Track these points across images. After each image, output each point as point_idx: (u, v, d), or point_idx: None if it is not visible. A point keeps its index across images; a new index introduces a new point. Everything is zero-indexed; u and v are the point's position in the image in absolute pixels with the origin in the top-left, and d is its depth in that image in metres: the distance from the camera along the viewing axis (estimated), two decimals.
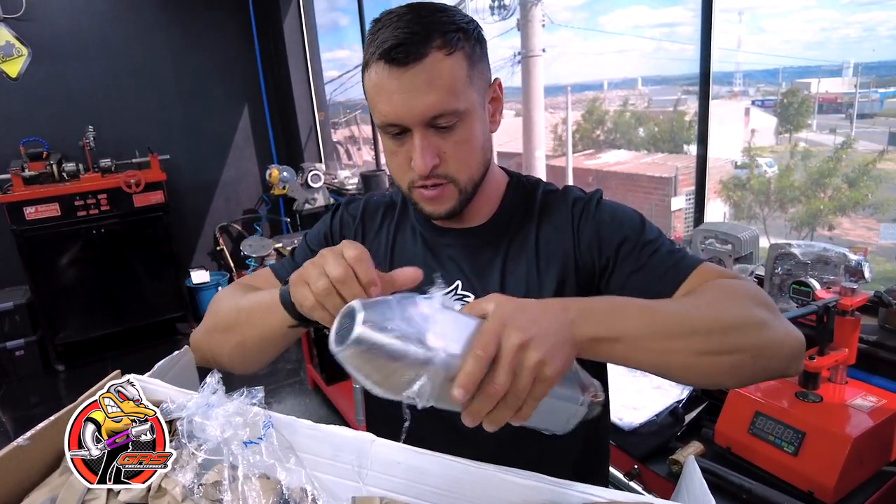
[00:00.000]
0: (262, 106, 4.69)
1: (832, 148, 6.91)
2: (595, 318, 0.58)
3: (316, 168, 3.97)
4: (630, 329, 0.58)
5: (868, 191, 6.13)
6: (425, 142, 0.73)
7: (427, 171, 0.74)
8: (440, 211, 0.80)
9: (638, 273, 0.76)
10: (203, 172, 4.57)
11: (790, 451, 1.15)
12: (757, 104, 9.76)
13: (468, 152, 0.77)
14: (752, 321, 0.62)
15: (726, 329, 0.61)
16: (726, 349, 0.60)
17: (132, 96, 4.18)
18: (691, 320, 0.61)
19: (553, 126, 8.47)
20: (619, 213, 0.82)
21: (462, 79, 0.72)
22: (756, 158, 7.84)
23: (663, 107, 9.51)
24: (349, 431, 0.62)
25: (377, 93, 0.72)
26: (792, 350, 0.64)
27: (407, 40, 0.68)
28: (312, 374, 3.31)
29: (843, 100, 8.81)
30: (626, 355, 0.59)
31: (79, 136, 3.80)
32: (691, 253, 0.79)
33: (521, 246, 0.84)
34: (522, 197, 0.87)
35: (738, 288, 0.68)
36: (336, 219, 0.95)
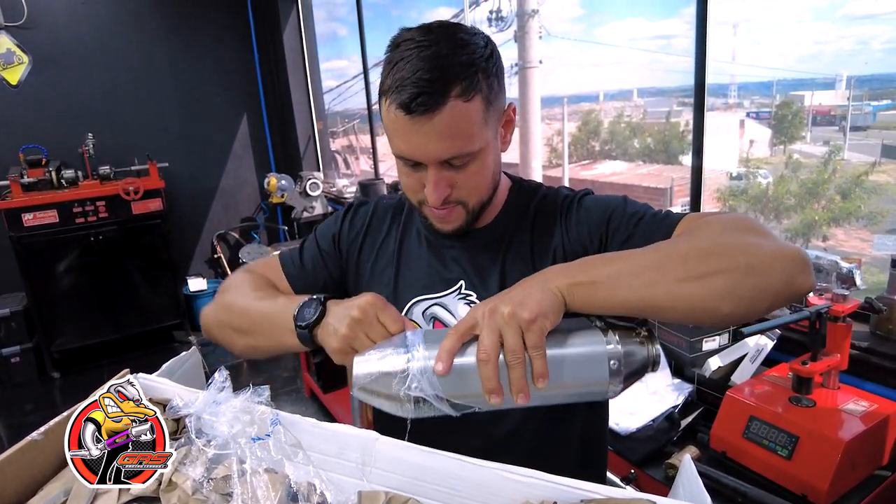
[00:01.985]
0: (260, 114, 4.71)
1: (825, 159, 6.96)
2: (568, 269, 0.62)
3: (314, 176, 3.99)
4: (605, 270, 0.61)
5: (861, 202, 6.16)
6: (439, 176, 0.76)
7: (439, 204, 0.78)
8: (448, 229, 0.84)
9: (627, 242, 0.78)
10: (201, 180, 4.58)
11: (784, 454, 1.17)
12: (751, 116, 9.82)
13: (479, 181, 0.80)
14: (733, 242, 0.62)
15: (704, 253, 0.60)
16: (709, 271, 0.59)
17: (132, 104, 4.20)
18: (665, 252, 0.62)
19: (549, 137, 8.50)
20: (603, 199, 0.86)
21: (479, 122, 0.74)
22: (752, 169, 7.89)
23: (659, 118, 9.56)
24: (353, 429, 0.64)
25: (393, 130, 0.74)
26: (789, 262, 0.60)
27: (426, 89, 0.69)
28: (309, 382, 3.31)
29: (837, 112, 8.86)
30: (608, 296, 0.60)
31: (78, 143, 3.82)
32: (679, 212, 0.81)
33: (519, 247, 0.87)
34: (523, 201, 0.91)
35: (720, 219, 0.68)
36: (346, 221, 0.97)
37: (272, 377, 3.69)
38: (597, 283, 0.60)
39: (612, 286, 0.60)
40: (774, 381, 1.35)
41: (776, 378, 1.36)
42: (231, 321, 0.84)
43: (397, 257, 0.92)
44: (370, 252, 0.94)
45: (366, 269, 0.94)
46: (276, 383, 3.60)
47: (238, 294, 0.87)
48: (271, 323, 0.78)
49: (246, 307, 0.83)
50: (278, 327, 0.76)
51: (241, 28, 4.53)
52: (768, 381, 1.35)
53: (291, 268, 0.96)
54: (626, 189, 7.63)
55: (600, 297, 0.60)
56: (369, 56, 4.02)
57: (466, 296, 0.87)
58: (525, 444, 0.88)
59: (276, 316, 0.78)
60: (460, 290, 0.88)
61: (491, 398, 0.57)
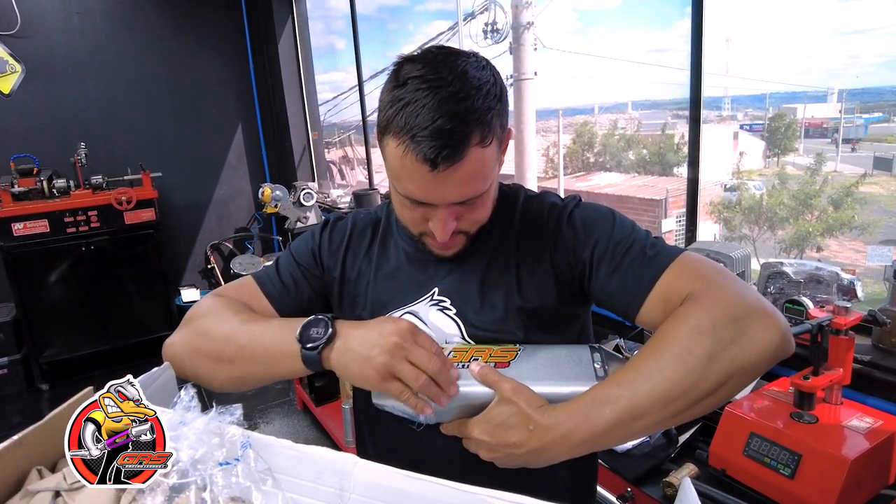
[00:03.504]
0: (256, 124, 4.69)
1: (817, 170, 7.00)
2: (587, 437, 0.65)
3: (308, 187, 3.96)
4: (604, 429, 0.64)
5: (853, 212, 6.21)
6: (448, 215, 0.74)
7: (447, 239, 0.77)
8: (447, 254, 0.83)
9: (614, 275, 0.77)
10: (195, 190, 4.55)
11: (786, 473, 1.13)
12: (745, 128, 9.92)
13: (483, 213, 0.79)
14: (729, 350, 0.63)
15: (704, 379, 0.63)
16: (712, 390, 0.63)
17: (125, 114, 4.17)
18: (665, 391, 0.64)
19: (545, 149, 8.53)
20: (591, 217, 0.82)
21: (492, 163, 0.73)
22: (746, 181, 7.93)
23: (653, 130, 9.61)
24: (331, 453, 0.60)
25: (407, 176, 0.70)
26: (776, 345, 0.65)
27: (449, 141, 0.66)
28: (301, 395, 3.26)
29: (829, 125, 8.97)
30: (609, 445, 0.68)
31: (70, 152, 3.78)
32: (668, 245, 0.78)
33: (502, 254, 0.84)
34: (505, 206, 0.87)
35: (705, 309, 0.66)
36: (325, 235, 0.93)
37: (264, 390, 3.63)
38: (601, 443, 0.67)
39: (616, 438, 0.67)
40: (775, 395, 1.31)
41: (776, 393, 1.32)
42: (211, 349, 0.77)
43: (375, 270, 0.89)
44: (352, 267, 0.91)
45: (349, 284, 0.90)
46: (267, 396, 3.55)
47: (216, 319, 0.80)
48: (265, 348, 0.74)
49: (230, 332, 0.77)
50: (274, 352, 0.73)
51: (237, 38, 4.52)
52: (768, 395, 1.32)
53: (271, 287, 0.89)
54: (621, 200, 7.63)
55: (591, 448, 0.67)
56: (365, 68, 4.02)
57: (439, 302, 0.84)
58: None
59: (271, 340, 0.73)
60: (433, 296, 0.84)
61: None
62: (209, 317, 0.81)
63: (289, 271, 0.91)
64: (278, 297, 0.89)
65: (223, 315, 0.80)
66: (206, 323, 0.80)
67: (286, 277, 0.90)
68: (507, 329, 0.81)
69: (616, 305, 0.77)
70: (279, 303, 0.88)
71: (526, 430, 0.66)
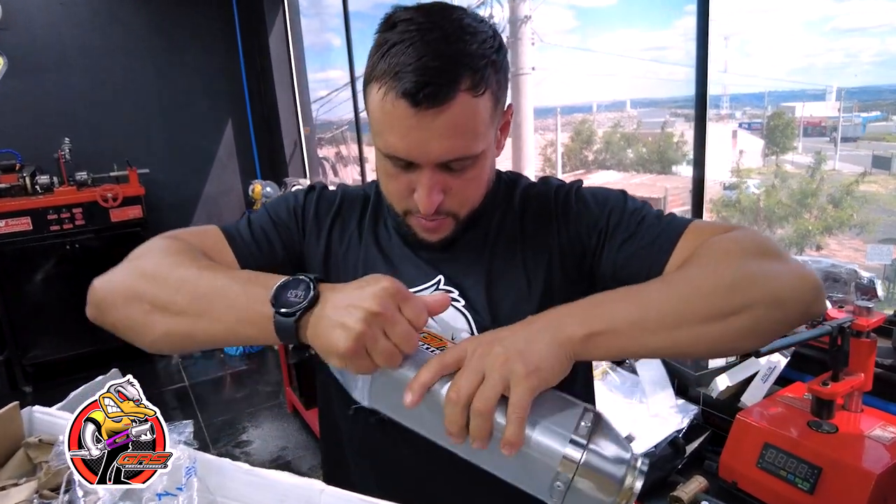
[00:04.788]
0: (246, 120, 4.59)
1: (815, 169, 6.96)
2: (584, 314, 0.55)
3: (299, 183, 3.86)
4: (624, 315, 0.55)
5: (853, 211, 6.17)
6: (434, 180, 0.67)
7: (432, 212, 0.69)
8: (433, 239, 0.75)
9: (629, 241, 0.72)
10: (184, 187, 4.44)
11: (805, 488, 1.04)
12: (744, 127, 9.86)
13: (474, 190, 0.73)
14: (756, 272, 0.57)
15: (728, 288, 0.56)
16: (733, 308, 0.55)
17: (111, 109, 4.06)
18: (686, 289, 0.57)
19: (543, 147, 8.45)
20: (601, 193, 0.79)
21: (485, 121, 0.66)
22: (743, 180, 7.88)
23: (652, 128, 9.56)
24: (295, 478, 0.51)
25: (388, 124, 0.64)
26: (809, 291, 0.58)
27: (434, 80, 0.60)
28: (291, 398, 3.16)
29: (828, 123, 8.94)
30: (627, 345, 0.55)
31: (54, 147, 3.67)
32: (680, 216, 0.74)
33: (506, 240, 0.78)
34: (504, 192, 0.82)
35: (734, 241, 0.63)
36: (311, 198, 0.84)
37: (253, 392, 3.54)
38: (617, 332, 0.54)
39: (632, 334, 0.54)
40: (790, 402, 1.22)
41: (791, 399, 1.23)
42: (157, 295, 0.61)
43: (366, 249, 0.80)
44: (340, 241, 0.82)
45: (335, 258, 0.81)
46: (256, 399, 3.45)
47: (169, 261, 0.65)
48: (228, 304, 0.58)
49: (186, 278, 0.62)
50: (239, 311, 0.57)
51: (227, 31, 4.41)
52: (783, 402, 1.23)
53: (239, 239, 0.77)
54: None
55: (618, 347, 0.54)
56: (360, 65, 3.92)
57: (447, 292, 0.76)
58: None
59: (237, 295, 0.58)
60: (438, 285, 0.76)
61: (451, 438, 0.51)
62: (161, 258, 0.66)
63: (262, 227, 0.80)
64: (246, 251, 0.76)
65: (179, 258, 0.65)
66: (155, 263, 0.65)
67: (258, 232, 0.79)
68: (515, 318, 0.72)
69: (635, 270, 0.70)
70: (245, 258, 0.76)
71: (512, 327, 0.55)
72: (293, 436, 3.06)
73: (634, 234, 0.71)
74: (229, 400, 3.52)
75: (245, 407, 3.37)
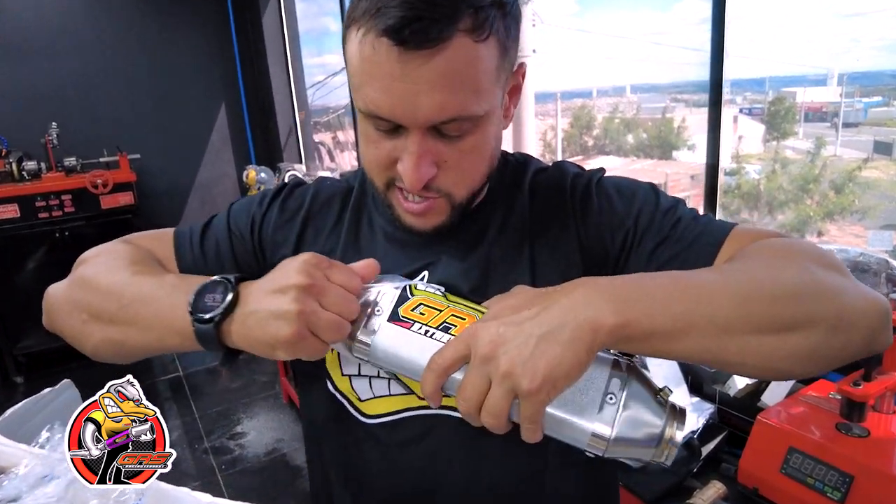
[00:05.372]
0: (240, 104, 4.49)
1: (815, 154, 6.94)
2: (617, 296, 0.45)
3: (294, 168, 3.77)
4: (666, 304, 0.44)
5: (854, 197, 6.16)
6: (424, 147, 0.54)
7: (419, 188, 0.56)
8: (424, 227, 0.62)
9: (662, 246, 0.61)
10: (177, 174, 4.35)
11: (836, 497, 0.98)
12: (744, 112, 9.79)
13: (474, 164, 0.59)
14: (823, 283, 0.48)
15: (792, 295, 0.46)
16: (794, 322, 0.45)
17: (100, 92, 3.95)
18: (747, 285, 0.46)
19: (542, 133, 8.37)
20: (628, 187, 0.67)
21: (490, 74, 0.53)
22: (743, 165, 7.84)
23: (652, 114, 9.50)
24: None
25: (368, 73, 0.52)
26: (877, 317, 0.48)
27: (426, 14, 0.48)
28: (287, 389, 3.10)
29: (829, 109, 8.87)
30: (665, 345, 0.45)
31: (41, 132, 3.56)
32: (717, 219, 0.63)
33: (511, 231, 0.66)
34: (511, 177, 0.70)
35: (794, 245, 0.53)
36: (275, 204, 0.73)
37: (248, 382, 3.48)
38: (655, 326, 0.43)
39: (673, 332, 0.44)
40: (815, 402, 1.16)
41: (816, 399, 1.17)
42: (90, 303, 0.60)
43: (344, 253, 0.69)
44: (313, 244, 0.71)
45: None
46: (251, 389, 3.40)
47: (106, 267, 0.62)
48: (153, 313, 0.56)
49: (115, 285, 0.59)
50: (162, 320, 0.55)
51: (219, 13, 4.29)
52: (807, 402, 1.16)
53: (186, 250, 0.70)
54: None
55: (651, 346, 0.44)
56: None
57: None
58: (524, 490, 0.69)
59: (160, 304, 0.55)
60: (423, 281, 0.66)
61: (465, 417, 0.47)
62: (100, 262, 0.64)
63: (215, 235, 0.71)
64: (192, 265, 0.69)
65: (117, 263, 0.62)
66: (92, 269, 0.63)
67: (209, 243, 0.71)
68: None
69: None
70: (191, 272, 0.69)
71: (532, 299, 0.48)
72: (289, 427, 3.00)
73: (668, 238, 0.61)
74: (224, 390, 3.46)
75: (240, 397, 3.32)
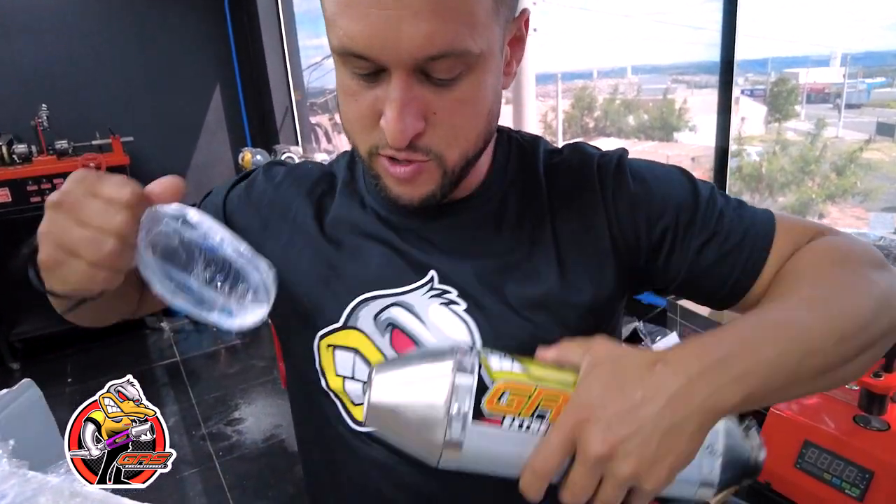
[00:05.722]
0: (235, 86, 4.40)
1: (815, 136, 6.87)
2: (738, 367, 0.41)
3: (290, 151, 3.71)
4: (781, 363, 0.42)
5: (856, 178, 6.10)
6: (408, 95, 0.46)
7: (404, 144, 0.48)
8: (412, 196, 0.54)
9: (712, 244, 0.57)
10: (171, 157, 4.27)
11: (854, 494, 0.94)
12: (746, 93, 9.70)
13: (468, 119, 0.51)
14: (886, 293, 0.48)
15: (874, 318, 0.46)
16: (874, 341, 0.46)
17: (91, 74, 3.86)
18: (839, 321, 0.45)
19: (543, 114, 8.29)
20: (662, 173, 0.61)
21: (487, 5, 0.46)
22: (745, 147, 7.77)
23: (653, 95, 9.41)
24: None
25: (343, 2, 0.45)
26: None
27: None
28: (284, 373, 3.07)
29: (832, 90, 8.80)
30: (774, 400, 0.46)
31: (30, 115, 3.49)
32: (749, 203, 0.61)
33: (530, 228, 0.59)
34: (519, 158, 0.63)
35: (848, 249, 0.52)
36: (241, 185, 0.68)
37: (246, 366, 3.45)
38: (772, 388, 0.42)
39: (786, 388, 0.43)
40: (831, 393, 1.12)
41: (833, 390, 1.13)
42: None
43: (328, 238, 0.63)
44: (278, 228, 0.65)
45: (274, 254, 0.60)
46: (249, 374, 3.37)
47: None
48: None
49: None
50: None
51: None
52: (823, 393, 1.13)
53: None
54: None
55: (761, 404, 0.44)
56: None
57: (442, 293, 0.59)
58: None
59: None
60: (432, 284, 0.59)
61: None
62: None
63: None
64: None
65: None
66: None
67: None
68: (541, 332, 0.56)
69: (719, 279, 0.58)
70: None
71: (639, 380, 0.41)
72: (287, 413, 2.94)
73: (716, 235, 0.57)
74: (222, 376, 3.43)
75: (238, 383, 3.29)
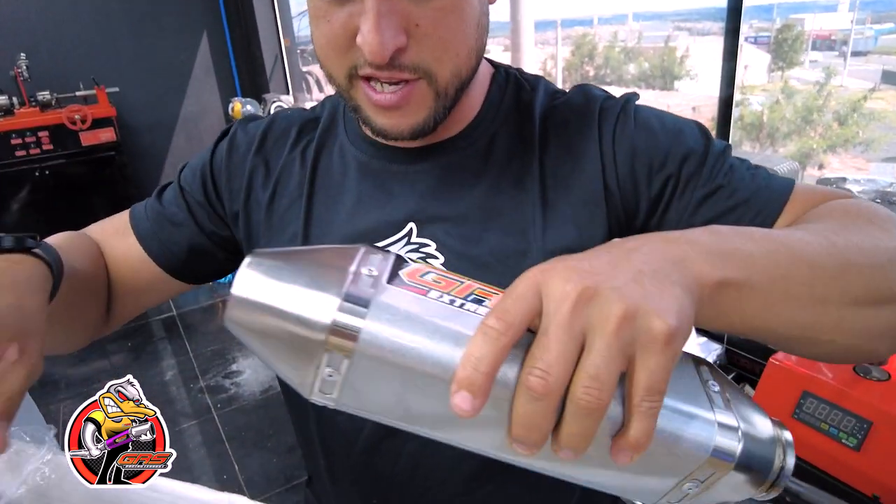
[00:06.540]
0: (222, 32, 4.24)
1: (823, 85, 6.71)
2: (709, 248, 0.33)
3: (280, 100, 3.61)
4: (765, 264, 0.34)
5: (858, 128, 6.01)
6: (386, 5, 0.42)
7: (385, 58, 0.43)
8: (400, 127, 0.49)
9: (715, 197, 0.51)
10: (160, 108, 4.16)
11: (851, 444, 0.94)
12: (750, 41, 9.45)
13: (455, 30, 0.46)
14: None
15: (891, 263, 0.39)
16: (892, 294, 0.38)
17: (72, 21, 3.70)
18: (844, 250, 0.38)
19: (542, 62, 8.08)
20: (671, 123, 0.55)
21: None
22: (748, 96, 7.61)
23: (655, 42, 9.18)
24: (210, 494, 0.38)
25: None
26: None
27: None
28: None
29: (837, 37, 8.58)
30: (760, 310, 0.35)
31: (9, 65, 3.36)
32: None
33: (517, 169, 0.55)
34: (515, 95, 0.58)
35: (872, 209, 0.46)
36: (222, 146, 0.65)
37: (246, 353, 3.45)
38: (754, 287, 0.33)
39: (770, 296, 0.34)
40: None
41: None
42: None
43: (309, 193, 0.59)
44: (264, 186, 0.62)
45: (259, 213, 0.62)
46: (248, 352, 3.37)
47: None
48: None
49: None
50: None
51: None
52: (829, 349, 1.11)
53: (143, 220, 0.65)
54: None
55: (744, 315, 0.34)
56: None
57: (420, 246, 0.55)
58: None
59: None
60: (409, 238, 0.55)
61: (517, 447, 0.28)
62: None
63: (172, 199, 0.65)
64: (149, 234, 0.64)
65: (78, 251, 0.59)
66: None
67: (168, 208, 0.65)
68: None
69: None
70: (151, 244, 0.64)
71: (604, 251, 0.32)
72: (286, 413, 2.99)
73: (722, 189, 0.51)
74: (218, 329, 3.43)
75: (235, 336, 3.29)
